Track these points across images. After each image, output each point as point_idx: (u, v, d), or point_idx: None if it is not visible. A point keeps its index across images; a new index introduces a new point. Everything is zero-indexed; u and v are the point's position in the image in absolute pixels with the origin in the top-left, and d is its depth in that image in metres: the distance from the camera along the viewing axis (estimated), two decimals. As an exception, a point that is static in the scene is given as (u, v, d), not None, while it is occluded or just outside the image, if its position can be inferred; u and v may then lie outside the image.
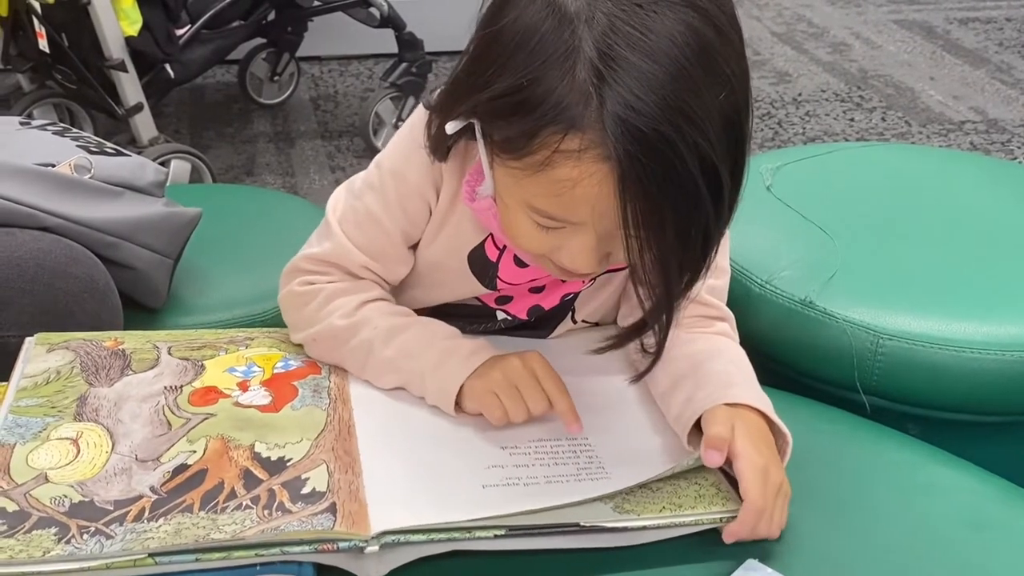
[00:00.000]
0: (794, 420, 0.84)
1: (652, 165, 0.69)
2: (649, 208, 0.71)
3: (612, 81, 0.69)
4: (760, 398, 0.84)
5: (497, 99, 0.73)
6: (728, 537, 0.79)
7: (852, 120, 2.94)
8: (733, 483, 0.81)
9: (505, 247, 0.91)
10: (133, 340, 0.96)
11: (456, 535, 0.74)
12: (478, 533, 0.75)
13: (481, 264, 0.93)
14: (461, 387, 0.87)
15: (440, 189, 0.90)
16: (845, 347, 1.10)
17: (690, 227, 0.72)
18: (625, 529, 0.77)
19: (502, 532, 0.75)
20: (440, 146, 0.84)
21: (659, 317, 0.78)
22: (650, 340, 0.82)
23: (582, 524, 0.76)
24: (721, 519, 0.79)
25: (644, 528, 0.78)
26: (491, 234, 0.91)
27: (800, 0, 3.88)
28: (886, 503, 0.85)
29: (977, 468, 0.92)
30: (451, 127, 0.79)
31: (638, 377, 0.87)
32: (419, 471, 0.81)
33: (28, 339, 0.94)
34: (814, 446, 0.91)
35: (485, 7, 0.77)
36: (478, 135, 0.79)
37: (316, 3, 2.57)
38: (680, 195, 0.70)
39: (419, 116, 0.88)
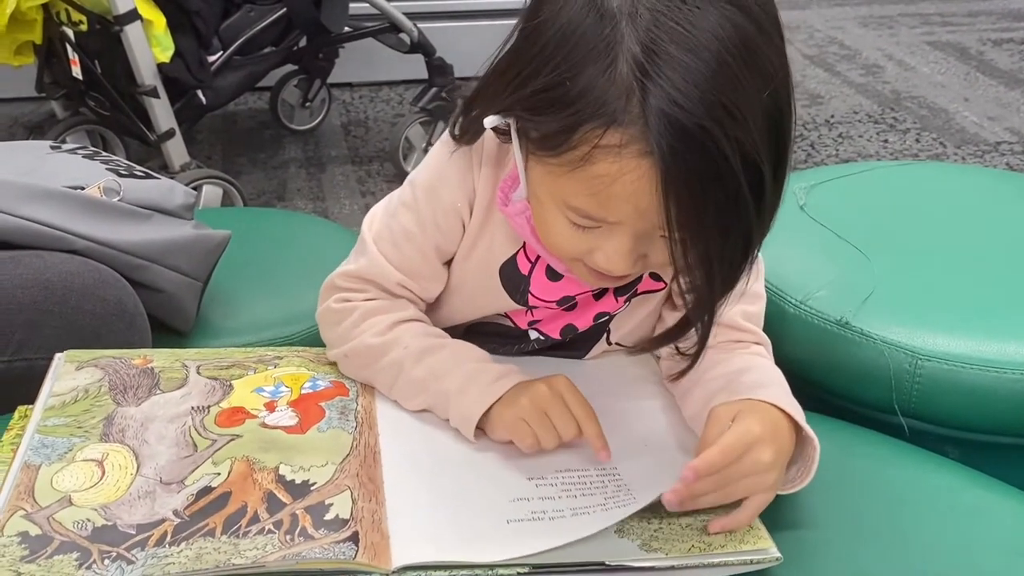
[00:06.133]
0: (831, 443, 0.82)
1: (694, 160, 0.68)
2: (691, 205, 0.70)
3: (655, 75, 0.68)
4: (790, 403, 0.82)
5: (537, 94, 0.73)
6: (670, 495, 0.75)
7: (886, 141, 2.91)
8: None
9: (537, 260, 0.90)
10: (162, 358, 0.96)
11: (479, 572, 0.73)
12: (501, 571, 0.73)
13: (512, 278, 0.92)
14: (489, 414, 0.86)
15: (473, 203, 0.89)
16: (883, 368, 1.08)
17: (731, 225, 0.72)
18: (652, 569, 0.75)
19: (526, 570, 0.73)
20: (469, 131, 0.84)
21: (701, 316, 0.78)
22: (687, 344, 0.83)
23: (608, 563, 0.74)
24: (752, 560, 0.76)
25: (672, 568, 0.75)
26: (523, 247, 0.90)
27: (832, 22, 3.86)
28: (926, 528, 0.83)
29: (1019, 492, 0.90)
30: (489, 122, 0.79)
31: (679, 375, 0.87)
32: (443, 503, 0.80)
33: (57, 355, 0.94)
34: (852, 470, 0.89)
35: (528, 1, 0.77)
36: (513, 134, 0.79)
37: (346, 29, 2.58)
38: (722, 191, 0.70)
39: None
